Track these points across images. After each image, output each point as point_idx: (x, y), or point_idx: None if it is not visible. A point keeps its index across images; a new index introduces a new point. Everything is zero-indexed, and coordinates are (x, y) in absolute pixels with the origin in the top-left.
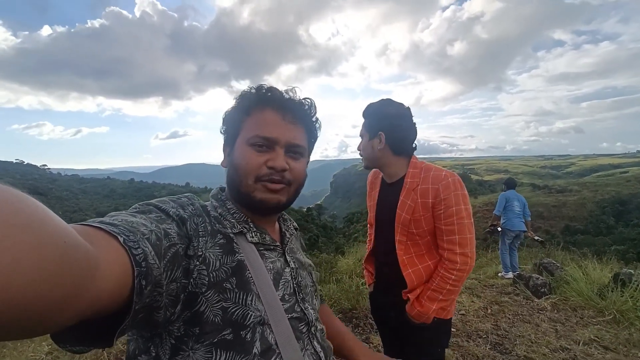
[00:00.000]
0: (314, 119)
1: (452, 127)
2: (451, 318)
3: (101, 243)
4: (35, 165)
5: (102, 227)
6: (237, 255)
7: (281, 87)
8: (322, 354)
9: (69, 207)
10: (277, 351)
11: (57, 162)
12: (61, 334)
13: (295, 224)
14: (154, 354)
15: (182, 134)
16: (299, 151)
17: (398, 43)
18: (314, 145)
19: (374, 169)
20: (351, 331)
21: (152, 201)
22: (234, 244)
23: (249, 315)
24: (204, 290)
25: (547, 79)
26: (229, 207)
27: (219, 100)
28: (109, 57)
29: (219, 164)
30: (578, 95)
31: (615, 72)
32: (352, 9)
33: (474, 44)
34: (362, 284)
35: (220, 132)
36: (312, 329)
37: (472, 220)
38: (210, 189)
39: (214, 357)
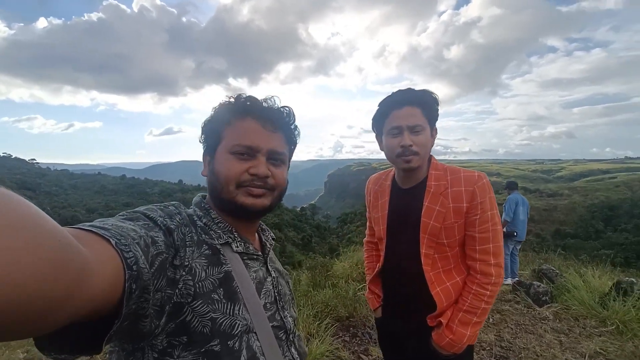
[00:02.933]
0: (292, 127)
1: (447, 129)
2: None
3: (93, 245)
4: (23, 160)
5: (93, 230)
6: (224, 266)
7: (260, 96)
8: None
9: (58, 202)
10: (262, 359)
11: (47, 157)
12: (45, 341)
13: (272, 234)
14: None
15: (177, 131)
16: (280, 158)
17: (396, 45)
18: (293, 152)
19: (375, 175)
20: (348, 341)
21: (140, 209)
22: (221, 255)
23: (237, 325)
24: (189, 300)
25: (540, 84)
26: (213, 216)
27: (215, 98)
28: (106, 51)
29: None
30: (570, 101)
31: (606, 79)
32: (353, 11)
33: (471, 48)
34: (359, 289)
35: (199, 141)
36: (291, 336)
37: None
38: (204, 187)
39: None
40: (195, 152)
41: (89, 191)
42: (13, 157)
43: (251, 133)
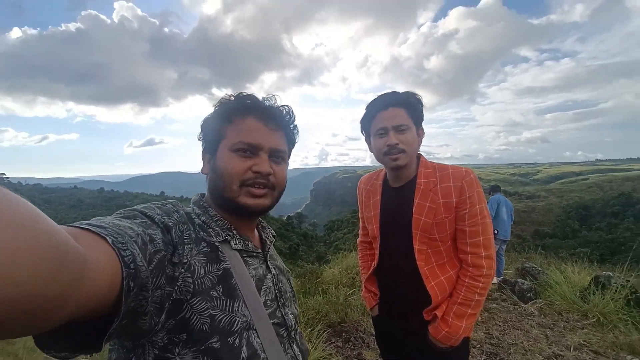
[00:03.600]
0: (292, 126)
1: (429, 136)
2: None
3: (90, 244)
4: None
5: (90, 228)
6: (222, 263)
7: (261, 95)
8: (300, 357)
9: None
10: (262, 356)
11: (18, 171)
12: (46, 340)
13: (273, 231)
14: None
15: (159, 142)
16: (282, 156)
17: (378, 56)
18: (292, 150)
19: (367, 175)
20: (341, 347)
21: (137, 207)
22: (219, 252)
23: (236, 321)
24: (189, 297)
25: (515, 92)
26: (212, 214)
27: (198, 108)
28: (84, 62)
29: (197, 172)
30: (542, 108)
31: (575, 87)
32: (336, 22)
33: (449, 58)
34: (349, 294)
35: (199, 139)
36: (292, 333)
37: None
38: (187, 198)
39: None
40: (177, 163)
41: (64, 205)
42: None
43: (253, 131)
